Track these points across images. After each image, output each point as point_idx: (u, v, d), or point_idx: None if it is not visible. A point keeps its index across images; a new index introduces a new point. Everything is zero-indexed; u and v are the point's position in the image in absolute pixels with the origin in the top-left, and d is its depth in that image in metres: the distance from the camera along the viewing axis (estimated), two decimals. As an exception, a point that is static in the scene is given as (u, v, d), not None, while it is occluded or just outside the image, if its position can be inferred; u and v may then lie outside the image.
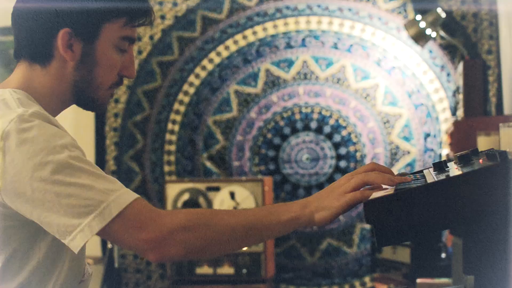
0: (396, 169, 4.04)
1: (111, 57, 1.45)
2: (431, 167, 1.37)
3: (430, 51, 3.99)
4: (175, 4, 4.20)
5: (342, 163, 4.10)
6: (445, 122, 3.98)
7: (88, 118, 4.23)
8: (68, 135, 1.35)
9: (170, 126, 4.19)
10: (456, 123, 3.22)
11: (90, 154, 4.23)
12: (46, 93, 1.43)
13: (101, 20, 1.43)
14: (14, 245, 1.34)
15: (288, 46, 4.14)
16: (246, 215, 1.35)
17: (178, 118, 4.19)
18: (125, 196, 1.29)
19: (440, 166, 1.33)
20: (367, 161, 4.07)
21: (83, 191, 1.27)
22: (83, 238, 1.27)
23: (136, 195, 1.31)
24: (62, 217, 1.27)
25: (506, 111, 3.76)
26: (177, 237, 1.29)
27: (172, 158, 4.20)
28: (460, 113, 3.54)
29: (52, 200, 1.27)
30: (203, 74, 4.19)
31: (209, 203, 3.75)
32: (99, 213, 1.26)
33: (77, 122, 4.26)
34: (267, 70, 4.14)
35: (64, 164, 1.27)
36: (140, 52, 4.21)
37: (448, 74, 3.98)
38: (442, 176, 1.22)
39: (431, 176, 1.29)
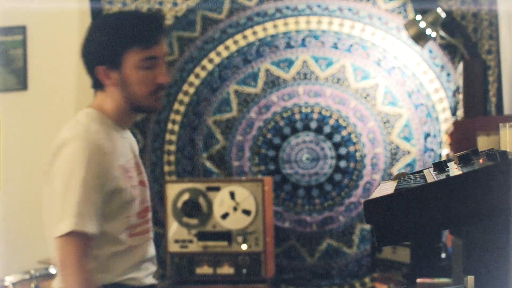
0: (396, 169, 4.05)
1: (137, 76, 1.93)
2: (431, 167, 1.37)
3: (430, 51, 3.99)
4: (175, 4, 4.20)
5: (342, 163, 4.10)
6: (445, 122, 3.97)
7: (88, 118, 4.23)
8: None
9: (170, 126, 4.19)
10: (456, 123, 3.22)
11: (90, 154, 4.23)
12: (112, 109, 1.99)
13: (120, 52, 1.92)
14: None
15: (288, 46, 4.13)
16: None
17: (178, 118, 4.19)
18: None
19: (440, 166, 1.33)
20: (367, 161, 4.07)
21: None
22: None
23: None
24: None
25: (506, 111, 3.76)
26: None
27: (172, 158, 4.20)
28: (460, 113, 3.54)
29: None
30: (203, 74, 4.19)
31: (209, 203, 3.75)
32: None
33: (77, 122, 4.26)
34: (267, 70, 4.14)
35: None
36: (140, 52, 4.20)
37: (448, 74, 3.98)
38: (442, 176, 1.23)
39: (431, 176, 1.29)
